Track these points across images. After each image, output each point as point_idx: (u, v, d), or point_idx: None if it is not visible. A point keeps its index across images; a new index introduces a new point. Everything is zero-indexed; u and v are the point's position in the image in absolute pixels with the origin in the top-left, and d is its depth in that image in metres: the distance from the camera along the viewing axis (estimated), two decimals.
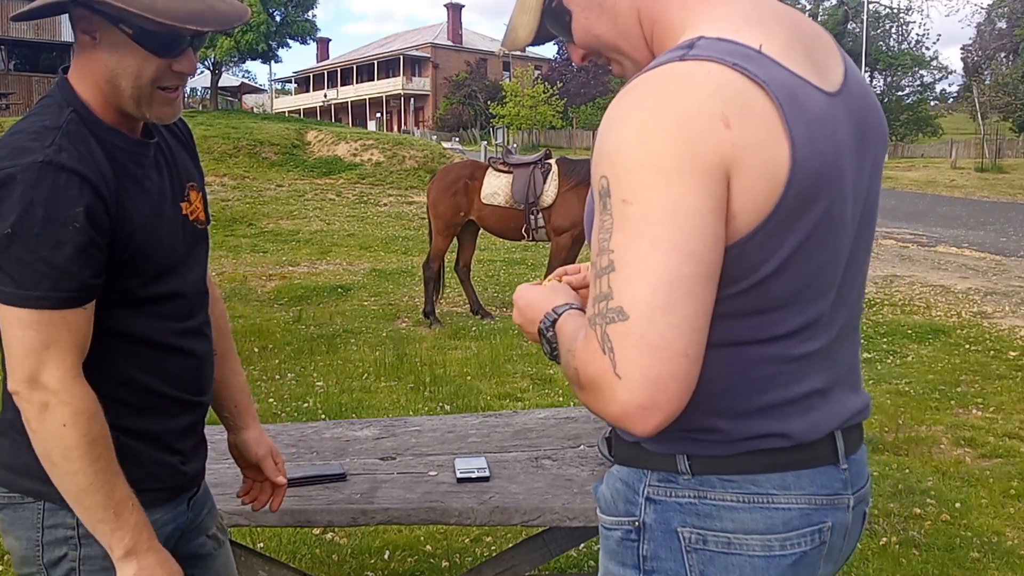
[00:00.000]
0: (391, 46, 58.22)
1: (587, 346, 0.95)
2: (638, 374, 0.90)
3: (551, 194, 7.43)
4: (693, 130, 0.93)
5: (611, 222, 0.94)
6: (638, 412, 0.91)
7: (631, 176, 0.93)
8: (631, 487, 1.10)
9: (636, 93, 0.98)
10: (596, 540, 3.17)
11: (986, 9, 40.82)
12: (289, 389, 5.41)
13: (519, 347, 6.57)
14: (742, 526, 1.04)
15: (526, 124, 42.24)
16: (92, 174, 1.27)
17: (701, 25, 1.03)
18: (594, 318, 0.94)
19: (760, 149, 0.94)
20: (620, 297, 0.91)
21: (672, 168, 0.92)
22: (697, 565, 1.06)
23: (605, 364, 0.92)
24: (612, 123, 0.97)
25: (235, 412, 1.72)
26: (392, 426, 2.60)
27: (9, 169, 1.23)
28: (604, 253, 0.94)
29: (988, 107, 36.14)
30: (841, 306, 1.10)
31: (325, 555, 3.16)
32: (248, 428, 1.71)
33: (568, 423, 2.54)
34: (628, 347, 0.90)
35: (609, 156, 0.96)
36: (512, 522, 1.95)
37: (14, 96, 30.05)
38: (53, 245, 1.23)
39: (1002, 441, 4.48)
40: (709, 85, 0.95)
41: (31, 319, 1.25)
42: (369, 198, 16.63)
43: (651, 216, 0.91)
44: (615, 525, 1.12)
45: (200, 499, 1.62)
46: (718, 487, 1.05)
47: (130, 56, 1.32)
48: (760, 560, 1.05)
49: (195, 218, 1.51)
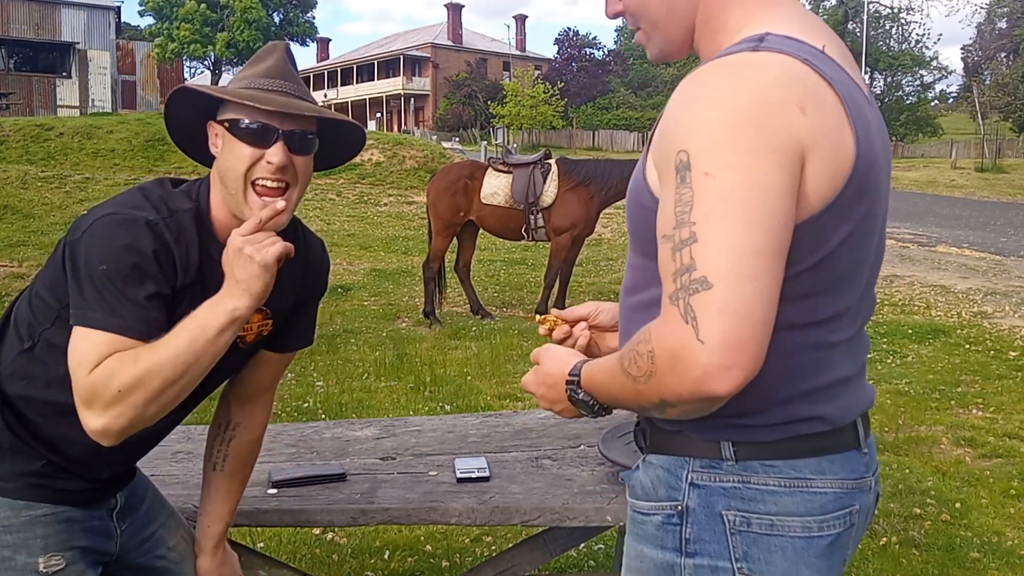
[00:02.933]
0: (391, 46, 58.20)
1: (664, 324, 0.98)
2: (720, 337, 0.93)
3: (551, 194, 7.42)
4: (773, 113, 0.97)
5: (691, 195, 0.97)
6: (720, 371, 0.94)
7: (715, 151, 0.96)
8: (673, 473, 1.14)
9: (712, 75, 1.02)
10: (596, 540, 3.18)
11: (986, 9, 40.80)
12: (289, 389, 5.41)
13: (519, 347, 6.57)
14: (784, 509, 1.09)
15: (526, 124, 42.23)
16: (178, 256, 1.40)
17: (761, 27, 1.08)
18: (676, 293, 0.96)
19: (830, 138, 1.00)
20: (704, 267, 0.94)
21: (755, 146, 0.96)
22: (741, 546, 1.09)
23: (687, 333, 0.95)
24: (691, 101, 1.01)
25: (203, 534, 1.75)
26: (392, 426, 2.60)
27: (121, 213, 1.37)
28: (684, 225, 0.97)
29: (988, 107, 36.14)
30: (864, 301, 1.16)
31: (325, 555, 3.16)
32: (204, 553, 1.74)
33: (568, 423, 2.54)
34: (712, 314, 0.93)
35: (690, 132, 0.99)
36: (512, 522, 1.95)
37: (14, 96, 30.00)
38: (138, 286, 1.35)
39: (1002, 441, 4.48)
40: (785, 74, 1.00)
41: (104, 341, 1.32)
42: (369, 198, 16.63)
43: (734, 191, 0.95)
44: (654, 510, 1.15)
45: (142, 516, 1.67)
46: (760, 472, 1.09)
47: (229, 151, 1.43)
48: (800, 541, 1.09)
49: (242, 336, 1.56)
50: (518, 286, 9.68)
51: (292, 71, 1.48)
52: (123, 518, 1.64)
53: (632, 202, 1.15)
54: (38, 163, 16.91)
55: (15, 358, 1.47)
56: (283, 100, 1.41)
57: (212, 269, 1.45)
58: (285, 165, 1.42)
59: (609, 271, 10.55)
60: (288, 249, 1.37)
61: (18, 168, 15.58)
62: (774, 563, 1.09)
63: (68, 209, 13.25)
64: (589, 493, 1.99)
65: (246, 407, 1.73)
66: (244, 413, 1.73)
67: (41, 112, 30.38)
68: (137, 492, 1.70)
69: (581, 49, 51.65)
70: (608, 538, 3.19)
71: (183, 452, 2.28)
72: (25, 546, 1.45)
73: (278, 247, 1.35)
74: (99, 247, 1.34)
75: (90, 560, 1.54)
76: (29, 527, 1.45)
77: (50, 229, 11.70)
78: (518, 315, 8.14)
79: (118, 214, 1.37)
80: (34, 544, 1.45)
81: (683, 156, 0.98)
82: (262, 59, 1.49)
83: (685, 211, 0.97)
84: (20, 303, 1.52)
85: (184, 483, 2.09)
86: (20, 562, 1.45)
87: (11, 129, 18.49)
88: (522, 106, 42.12)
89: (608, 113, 48.10)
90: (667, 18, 1.16)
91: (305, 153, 1.46)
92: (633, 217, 1.15)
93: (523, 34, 60.44)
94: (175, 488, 2.05)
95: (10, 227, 11.77)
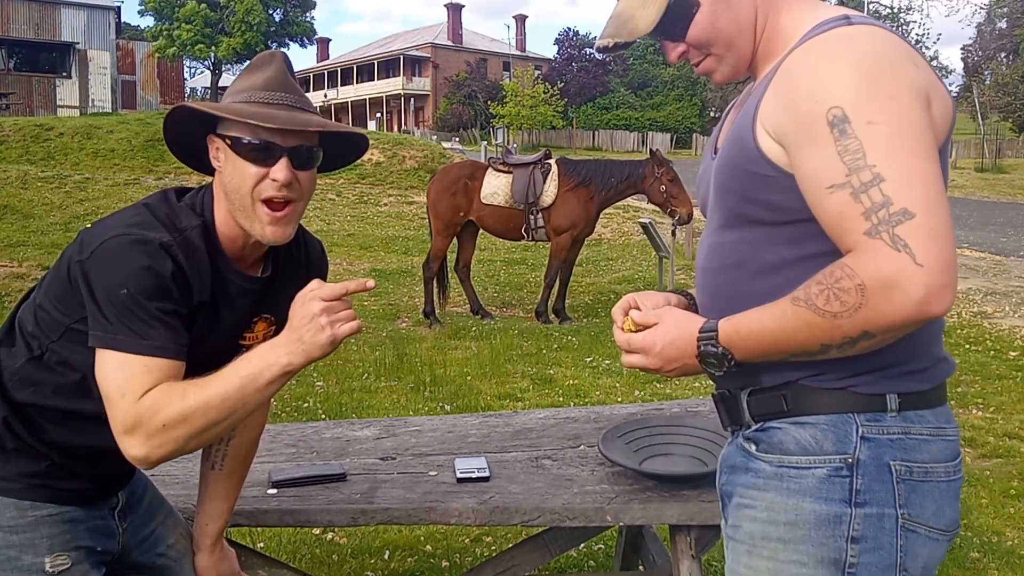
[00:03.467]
0: (391, 46, 58.19)
1: (871, 257, 1.04)
2: (936, 259, 1.02)
3: (551, 194, 7.43)
4: (899, 65, 1.11)
5: (858, 143, 1.06)
6: (941, 290, 1.02)
7: (870, 102, 1.07)
8: (839, 428, 1.19)
9: (827, 45, 1.13)
10: (596, 540, 3.18)
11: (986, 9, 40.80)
12: (289, 389, 5.40)
13: (519, 347, 6.57)
14: (933, 456, 1.20)
15: (526, 124, 42.22)
16: (192, 276, 1.40)
17: (814, 19, 1.21)
18: (876, 227, 1.04)
19: (938, 88, 1.14)
20: (901, 199, 1.04)
21: (901, 92, 1.08)
22: (904, 494, 1.18)
23: (903, 260, 1.03)
24: (818, 67, 1.11)
25: (200, 532, 1.77)
26: (392, 426, 2.60)
27: (134, 234, 1.36)
28: (862, 170, 1.06)
29: (988, 107, 36.15)
30: None
31: (325, 555, 3.16)
32: (201, 551, 1.76)
33: (568, 423, 2.54)
34: (923, 239, 1.02)
35: (833, 90, 1.09)
36: (512, 522, 1.95)
37: (14, 96, 30.01)
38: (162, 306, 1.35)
39: (1002, 441, 4.48)
40: (890, 38, 1.14)
41: (139, 363, 1.33)
42: (369, 198, 16.63)
43: (902, 131, 1.07)
44: (817, 463, 1.19)
45: (141, 515, 1.68)
46: (916, 422, 1.20)
47: (233, 168, 1.41)
48: (944, 485, 1.21)
49: (248, 345, 1.56)
50: (518, 286, 9.68)
51: (292, 82, 1.47)
52: (124, 517, 1.64)
53: (735, 173, 1.22)
54: (38, 163, 16.91)
55: (23, 365, 1.46)
56: (285, 116, 1.40)
57: (221, 285, 1.46)
58: (291, 182, 1.41)
59: (609, 271, 10.55)
60: (357, 330, 1.35)
61: (18, 168, 15.58)
62: (927, 507, 1.19)
63: (68, 209, 13.25)
64: (589, 493, 1.99)
65: None
66: None
67: (41, 112, 30.39)
68: (137, 491, 1.70)
69: (581, 49, 51.62)
70: (608, 538, 3.19)
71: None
72: (31, 546, 1.46)
73: (352, 327, 1.33)
74: (117, 270, 1.33)
75: (95, 560, 1.54)
76: (35, 527, 1.46)
77: (50, 229, 11.69)
78: (518, 315, 8.15)
79: (130, 235, 1.36)
80: (40, 544, 1.46)
81: (836, 112, 1.07)
82: (260, 69, 1.47)
83: (858, 158, 1.06)
84: (24, 311, 1.51)
85: (184, 483, 2.09)
86: (26, 562, 1.45)
87: (11, 129, 18.48)
88: (522, 106, 42.10)
89: (608, 113, 48.10)
90: (738, 34, 1.25)
91: (309, 167, 1.46)
92: (736, 190, 1.23)
93: (523, 34, 60.44)
94: (175, 488, 2.05)
95: (10, 227, 11.76)
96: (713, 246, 1.30)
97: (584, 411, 2.69)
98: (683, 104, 48.62)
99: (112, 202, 13.58)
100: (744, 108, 1.25)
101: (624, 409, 2.69)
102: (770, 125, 1.16)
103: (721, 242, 1.28)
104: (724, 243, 1.27)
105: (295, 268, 1.59)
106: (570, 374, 5.87)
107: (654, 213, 10.09)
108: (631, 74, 50.87)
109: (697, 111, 48.71)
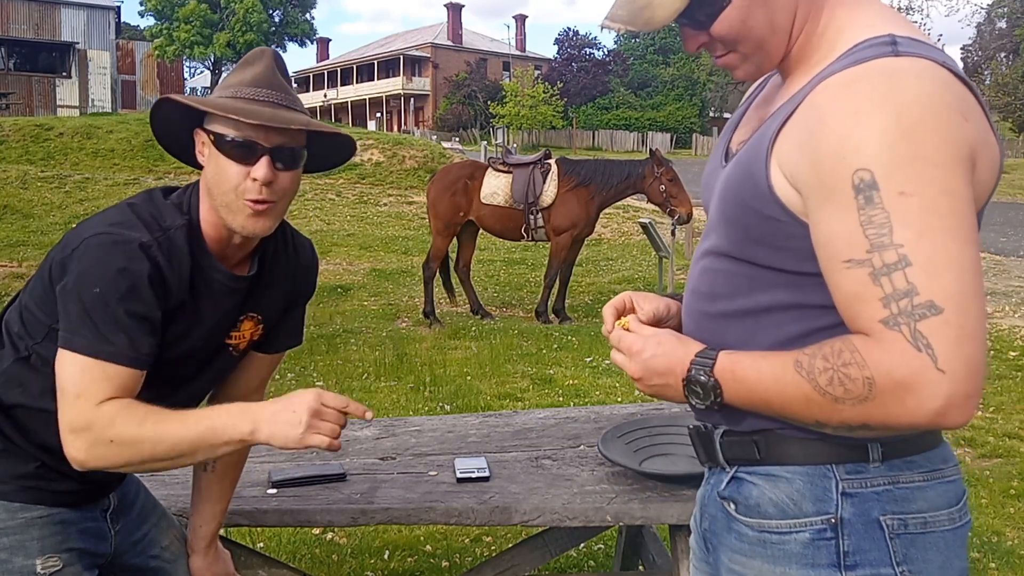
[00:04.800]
0: (391, 46, 58.19)
1: (885, 351, 0.93)
2: (961, 365, 0.90)
3: (551, 194, 7.43)
4: (945, 122, 0.94)
5: (885, 216, 0.93)
6: (964, 401, 0.91)
7: (906, 167, 0.92)
8: (816, 484, 1.08)
9: (867, 86, 0.96)
10: (596, 540, 3.18)
11: (986, 9, 40.79)
12: (289, 389, 5.39)
13: (519, 347, 6.57)
14: (931, 504, 1.07)
15: (526, 124, 42.22)
16: (170, 278, 1.39)
17: (855, 25, 1.05)
18: (894, 319, 0.92)
19: (986, 144, 0.98)
20: (928, 291, 0.91)
21: (944, 158, 0.93)
22: (900, 550, 1.06)
23: (923, 362, 0.91)
24: (854, 114, 0.95)
25: (195, 534, 1.77)
26: (392, 426, 2.60)
27: (114, 234, 1.35)
28: (886, 248, 0.93)
29: (988, 107, 36.11)
30: None
31: (325, 555, 3.16)
32: (196, 553, 1.77)
33: (568, 423, 2.54)
34: (948, 340, 0.90)
35: (865, 148, 0.94)
36: (512, 522, 1.95)
37: (14, 96, 30.01)
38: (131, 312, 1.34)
39: (1002, 441, 4.48)
40: (938, 81, 0.96)
41: (96, 369, 1.33)
42: (369, 198, 16.63)
43: (938, 206, 0.92)
44: (799, 527, 1.09)
45: (134, 518, 1.68)
46: (905, 469, 1.07)
47: (216, 165, 1.40)
48: (948, 534, 1.08)
49: (235, 344, 1.56)
50: (518, 286, 9.68)
51: (280, 79, 1.43)
52: (116, 519, 1.64)
53: (741, 207, 1.09)
54: (38, 163, 16.91)
55: (10, 366, 1.46)
56: (269, 112, 1.37)
57: (205, 284, 1.45)
58: (270, 181, 1.38)
59: (609, 271, 10.55)
60: (330, 448, 1.34)
61: (18, 168, 15.58)
62: (931, 560, 1.07)
63: (68, 209, 13.25)
64: (589, 493, 1.99)
65: None
66: None
67: (41, 112, 30.39)
68: (129, 493, 1.70)
69: (581, 49, 51.63)
70: (608, 538, 3.19)
71: None
72: (22, 548, 1.45)
73: (324, 441, 1.32)
74: (92, 269, 1.33)
75: (86, 562, 1.54)
76: (25, 529, 1.45)
77: (50, 229, 11.70)
78: (518, 315, 8.15)
79: (110, 235, 1.35)
80: (31, 546, 1.45)
81: (864, 175, 0.93)
82: (249, 65, 1.44)
83: (883, 233, 0.92)
84: (11, 313, 1.51)
85: (184, 483, 2.09)
86: (17, 564, 1.45)
87: (11, 129, 18.49)
88: (522, 106, 42.09)
89: (608, 113, 48.10)
90: (771, 35, 1.10)
91: (292, 167, 1.42)
92: (740, 224, 1.10)
93: (523, 34, 60.44)
94: (175, 488, 2.05)
95: (10, 227, 11.77)
96: (707, 270, 1.19)
97: (584, 411, 2.69)
98: (683, 104, 48.63)
99: (112, 202, 13.42)
100: (762, 130, 1.10)
101: (624, 409, 2.69)
102: (787, 168, 1.02)
103: (716, 268, 1.17)
104: (719, 270, 1.16)
105: (284, 268, 1.58)
106: (570, 374, 5.87)
107: (654, 213, 10.08)
108: (631, 74, 50.88)
109: (697, 111, 48.71)
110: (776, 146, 1.04)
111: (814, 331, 1.05)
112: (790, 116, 1.04)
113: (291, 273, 1.60)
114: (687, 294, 1.24)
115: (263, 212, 1.41)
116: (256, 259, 1.55)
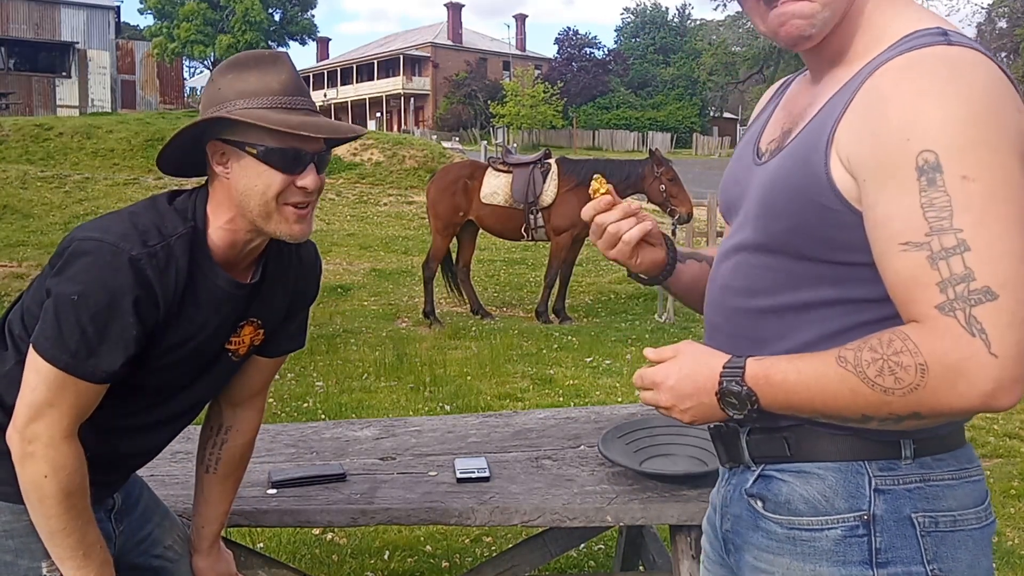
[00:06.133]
0: (391, 46, 58.19)
1: (938, 337, 0.94)
2: (1013, 350, 0.92)
3: (551, 194, 7.43)
4: (1005, 111, 0.96)
5: (946, 199, 0.93)
6: (1012, 385, 0.92)
7: (970, 152, 0.93)
8: (849, 481, 1.09)
9: (927, 69, 0.97)
10: (596, 540, 3.18)
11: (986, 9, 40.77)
12: (289, 389, 5.41)
13: (519, 347, 6.57)
14: (960, 502, 1.08)
15: (526, 124, 42.23)
16: (161, 292, 1.37)
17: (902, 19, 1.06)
18: (949, 304, 0.93)
19: None
20: (985, 276, 0.92)
21: (1005, 146, 0.94)
22: (931, 548, 1.06)
23: (975, 347, 0.92)
24: (919, 95, 0.96)
25: (197, 535, 1.78)
26: (392, 426, 2.60)
27: (106, 243, 1.33)
28: (945, 232, 0.93)
29: None
30: None
31: (325, 555, 3.16)
32: (199, 553, 1.77)
33: (568, 423, 2.54)
34: (1002, 325, 0.91)
35: (931, 129, 0.94)
36: (512, 522, 1.95)
37: (14, 96, 30.01)
38: (102, 327, 1.33)
39: (1002, 441, 4.49)
40: (992, 72, 0.98)
41: (50, 375, 1.33)
42: (369, 198, 16.63)
43: (998, 193, 0.93)
44: (830, 524, 1.09)
45: (138, 518, 1.69)
46: (935, 468, 1.08)
47: (256, 176, 1.38)
48: (976, 532, 1.09)
49: (235, 350, 1.56)
50: (518, 286, 9.68)
51: (303, 84, 1.44)
52: (120, 519, 1.64)
53: (792, 198, 1.07)
54: (38, 163, 16.91)
55: (12, 367, 1.46)
56: (327, 125, 1.39)
57: (206, 292, 1.44)
58: (319, 187, 1.42)
59: (609, 271, 10.55)
60: None
61: (18, 168, 15.58)
62: (960, 559, 1.07)
63: (68, 209, 13.25)
64: (589, 493, 1.99)
65: (237, 411, 1.73)
66: (236, 417, 1.73)
67: (41, 112, 30.38)
68: (133, 493, 1.70)
69: (581, 49, 51.64)
70: (608, 538, 3.19)
71: (183, 452, 2.28)
72: (27, 550, 1.45)
73: None
74: (76, 276, 1.32)
75: None
76: (31, 531, 1.44)
77: (50, 229, 11.70)
78: (518, 315, 8.15)
79: (103, 243, 1.33)
80: (36, 548, 1.45)
81: (929, 157, 0.93)
82: (267, 70, 1.40)
83: (943, 216, 0.93)
84: (13, 314, 1.51)
85: (184, 483, 2.09)
86: (23, 567, 1.45)
87: (11, 129, 18.49)
88: (522, 106, 42.09)
89: (608, 113, 48.11)
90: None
91: (324, 169, 1.46)
92: (788, 214, 1.08)
93: (523, 34, 60.41)
94: (175, 488, 2.05)
95: (10, 227, 11.77)
96: (742, 264, 1.17)
97: (584, 411, 2.69)
98: (683, 104, 48.66)
99: (112, 202, 13.58)
100: (815, 123, 1.08)
101: (624, 409, 2.69)
102: (845, 153, 1.01)
103: (754, 263, 1.15)
104: (757, 265, 1.14)
105: (284, 270, 1.58)
106: (570, 374, 5.87)
107: (654, 213, 10.08)
108: (631, 74, 50.88)
109: (697, 111, 48.74)
110: (836, 135, 1.03)
111: (858, 325, 1.05)
112: (849, 102, 1.03)
113: (294, 277, 1.60)
114: (714, 290, 1.23)
115: (307, 215, 1.43)
116: (260, 265, 1.54)
